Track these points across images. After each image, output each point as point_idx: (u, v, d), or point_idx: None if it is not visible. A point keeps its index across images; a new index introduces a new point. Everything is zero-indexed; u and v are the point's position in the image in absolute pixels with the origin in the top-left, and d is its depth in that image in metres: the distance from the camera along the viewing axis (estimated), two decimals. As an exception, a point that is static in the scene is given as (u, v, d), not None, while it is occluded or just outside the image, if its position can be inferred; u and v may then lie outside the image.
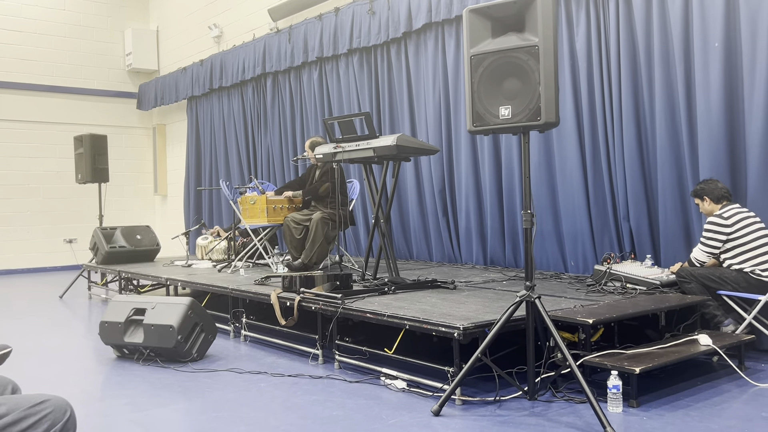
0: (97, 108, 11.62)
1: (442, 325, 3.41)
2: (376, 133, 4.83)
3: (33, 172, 11.00)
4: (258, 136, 9.23)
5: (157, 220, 12.15)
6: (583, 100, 5.40)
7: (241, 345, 4.92)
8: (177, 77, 10.78)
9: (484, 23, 3.31)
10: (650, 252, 5.07)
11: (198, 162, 10.61)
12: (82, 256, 11.04)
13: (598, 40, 5.32)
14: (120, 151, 11.72)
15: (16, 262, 10.84)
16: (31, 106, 10.96)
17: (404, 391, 3.56)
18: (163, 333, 4.27)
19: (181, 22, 11.24)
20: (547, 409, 3.20)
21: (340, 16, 7.55)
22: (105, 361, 4.48)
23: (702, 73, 4.62)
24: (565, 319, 3.55)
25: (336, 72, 7.82)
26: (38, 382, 3.98)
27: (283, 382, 3.83)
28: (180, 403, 3.49)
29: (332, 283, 4.54)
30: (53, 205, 11.18)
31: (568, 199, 5.56)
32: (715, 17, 4.55)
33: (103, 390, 3.80)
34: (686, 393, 3.43)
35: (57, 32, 11.17)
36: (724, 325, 4.06)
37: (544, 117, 3.15)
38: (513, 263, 6.13)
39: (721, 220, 4.14)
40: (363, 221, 7.62)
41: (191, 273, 6.32)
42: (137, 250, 7.74)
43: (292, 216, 6.10)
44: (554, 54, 3.15)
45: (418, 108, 6.89)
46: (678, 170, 4.89)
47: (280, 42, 8.50)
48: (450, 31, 6.44)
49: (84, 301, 7.50)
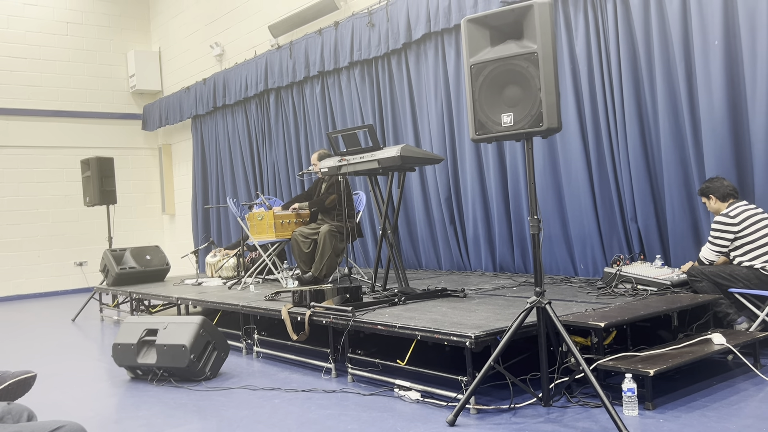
0: (103, 130, 11.71)
1: (454, 335, 3.41)
2: (380, 144, 4.85)
3: (42, 197, 11.09)
4: (263, 152, 9.27)
5: (166, 240, 12.20)
6: (585, 103, 5.41)
7: (253, 361, 4.92)
8: (181, 97, 10.86)
9: (482, 32, 3.33)
10: (659, 252, 5.05)
11: (204, 180, 10.66)
12: (92, 278, 11.10)
13: (598, 43, 5.33)
14: (127, 173, 11.80)
15: (27, 286, 10.91)
16: (37, 132, 11.06)
17: (418, 402, 3.55)
18: (175, 353, 4.29)
19: (182, 42, 11.33)
20: (562, 415, 3.18)
21: (339, 29, 7.60)
22: (119, 383, 4.49)
23: (703, 71, 4.63)
24: (577, 323, 3.54)
25: (338, 85, 7.86)
26: (53, 407, 4.00)
27: (297, 398, 3.83)
28: (195, 423, 3.50)
29: (342, 296, 4.54)
30: (63, 228, 11.26)
31: (574, 202, 5.56)
32: (713, 15, 4.56)
33: (119, 412, 3.81)
34: (702, 393, 3.40)
35: (61, 57, 11.29)
36: (737, 323, 4.04)
37: (546, 123, 3.15)
38: (522, 269, 6.11)
39: (728, 219, 4.13)
40: (370, 232, 7.64)
41: (202, 291, 6.34)
42: (147, 270, 7.77)
43: (299, 230, 6.12)
44: (554, 59, 3.16)
45: (421, 118, 6.91)
46: (683, 169, 4.88)
47: (281, 58, 8.55)
48: (450, 40, 6.47)
49: (96, 323, 7.53)
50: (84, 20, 11.54)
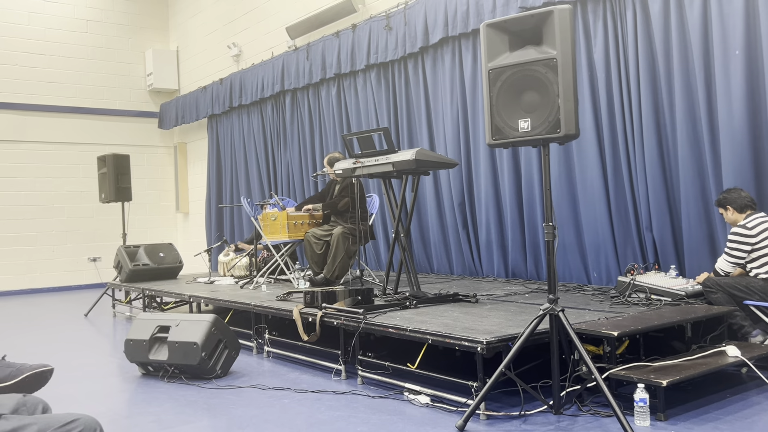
0: (120, 128, 11.81)
1: (465, 339, 3.40)
2: (394, 147, 4.85)
3: (58, 193, 11.18)
4: (278, 153, 9.31)
5: (179, 238, 12.27)
6: (603, 111, 5.38)
7: (264, 361, 4.94)
8: (197, 96, 10.93)
9: (501, 37, 3.32)
10: (674, 262, 5.01)
11: (219, 179, 10.72)
12: (106, 274, 11.18)
13: (617, 50, 5.31)
14: (142, 170, 11.88)
15: (42, 281, 11.01)
16: (55, 128, 11.16)
17: (428, 406, 3.54)
18: (187, 350, 4.31)
19: (200, 41, 11.41)
20: (573, 424, 3.17)
21: (357, 32, 7.61)
22: (130, 379, 4.52)
23: (723, 81, 4.59)
24: (590, 331, 3.52)
25: (354, 88, 7.88)
26: (65, 401, 4.03)
27: (307, 398, 3.83)
28: (205, 420, 3.51)
29: (354, 298, 4.54)
30: (77, 224, 11.35)
31: (589, 210, 5.53)
32: (735, 25, 4.52)
33: (130, 408, 3.83)
34: (715, 406, 3.37)
35: (80, 54, 11.40)
36: (752, 336, 4.00)
37: (564, 129, 3.14)
38: (535, 276, 6.09)
39: (745, 230, 4.09)
40: (383, 235, 7.64)
41: (214, 290, 6.37)
42: (160, 267, 7.82)
43: (312, 231, 6.13)
44: (573, 66, 3.15)
45: (436, 122, 6.91)
46: (701, 179, 4.84)
47: (298, 59, 8.58)
48: (467, 45, 6.47)
49: (108, 318, 7.58)
50: (104, 18, 11.65)
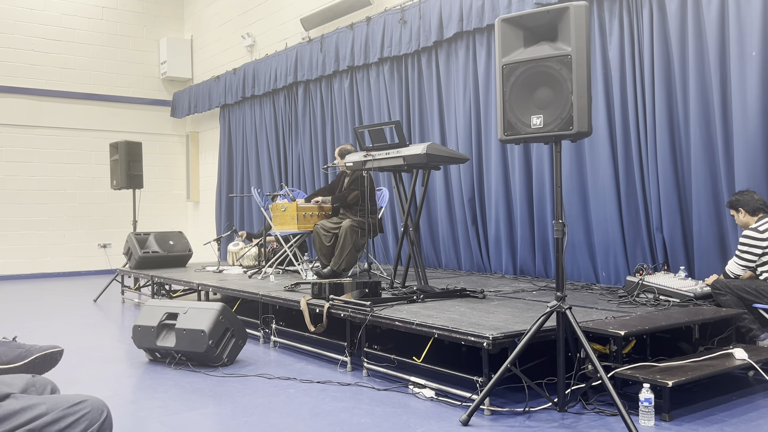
0: (133, 115, 11.86)
1: (471, 335, 3.40)
2: (406, 141, 4.85)
3: (69, 178, 11.26)
4: (289, 144, 9.32)
5: (189, 226, 12.32)
6: (616, 109, 5.36)
7: (270, 351, 4.96)
8: (210, 85, 10.95)
9: (516, 32, 3.31)
10: (684, 263, 4.99)
11: (230, 169, 10.75)
12: (116, 260, 11.24)
13: (632, 48, 5.27)
14: (154, 158, 11.93)
15: (52, 265, 11.09)
16: (68, 114, 11.23)
17: (432, 400, 3.55)
18: (194, 337, 4.33)
19: (214, 31, 11.43)
20: (577, 421, 3.16)
21: (371, 25, 7.60)
22: (137, 365, 4.56)
23: (738, 81, 4.55)
24: (597, 330, 3.51)
25: (367, 81, 7.87)
26: (72, 384, 4.06)
27: (312, 389, 3.85)
28: (210, 407, 3.54)
29: (361, 291, 4.55)
30: (89, 210, 11.43)
31: (599, 208, 5.51)
32: (752, 25, 4.48)
33: (136, 393, 3.86)
34: (721, 408, 3.36)
35: (94, 41, 11.44)
36: (760, 340, 3.98)
37: (576, 126, 3.13)
38: (543, 273, 6.08)
39: (756, 233, 4.06)
40: (392, 229, 7.64)
41: (222, 279, 6.40)
42: (170, 255, 7.86)
43: (321, 223, 6.14)
44: (587, 63, 3.14)
45: (448, 116, 6.89)
46: (713, 180, 4.81)
47: (311, 51, 8.58)
48: (481, 39, 6.44)
49: (117, 304, 7.64)
50: (119, 5, 11.68)
